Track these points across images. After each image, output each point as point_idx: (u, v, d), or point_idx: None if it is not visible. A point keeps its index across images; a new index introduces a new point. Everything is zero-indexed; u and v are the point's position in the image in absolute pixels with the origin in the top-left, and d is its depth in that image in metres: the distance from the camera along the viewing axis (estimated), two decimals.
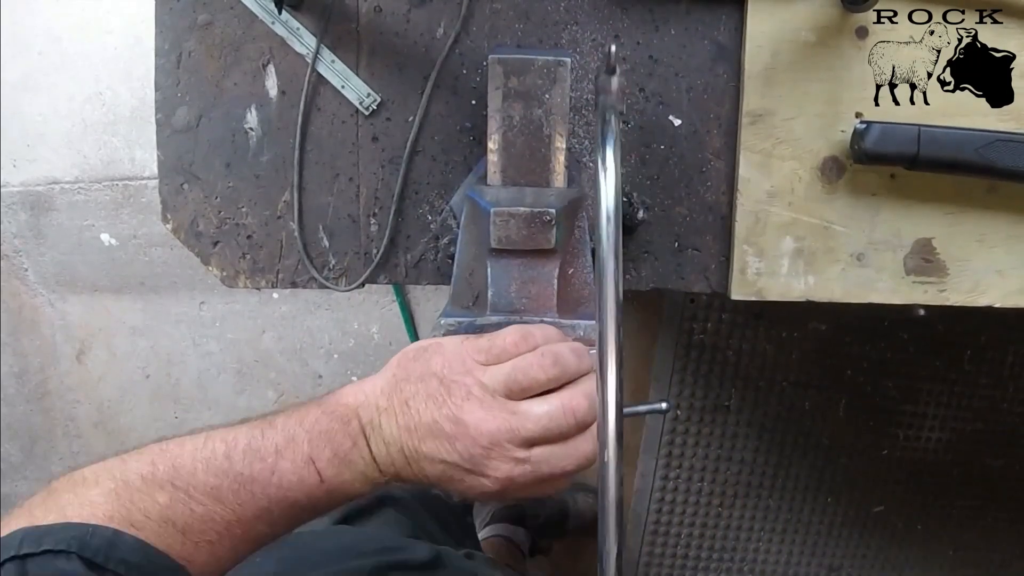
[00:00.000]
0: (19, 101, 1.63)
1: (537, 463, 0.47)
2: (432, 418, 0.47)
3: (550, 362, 0.48)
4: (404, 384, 0.49)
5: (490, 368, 0.49)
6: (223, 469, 0.48)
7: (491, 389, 0.48)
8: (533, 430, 0.47)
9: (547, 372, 0.48)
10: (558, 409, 0.47)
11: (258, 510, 0.48)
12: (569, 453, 0.48)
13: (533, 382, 0.48)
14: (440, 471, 0.48)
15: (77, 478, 0.48)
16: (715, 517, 1.65)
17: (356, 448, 0.49)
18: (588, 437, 0.49)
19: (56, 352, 1.74)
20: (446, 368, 0.49)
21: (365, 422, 0.49)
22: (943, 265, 0.71)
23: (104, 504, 0.46)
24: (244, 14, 0.72)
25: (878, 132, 0.65)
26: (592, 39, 0.71)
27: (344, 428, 0.49)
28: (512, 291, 0.58)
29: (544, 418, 0.47)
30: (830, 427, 1.59)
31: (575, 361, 0.49)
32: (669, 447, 1.59)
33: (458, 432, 0.47)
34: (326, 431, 0.49)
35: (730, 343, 1.53)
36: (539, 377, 0.48)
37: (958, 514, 1.66)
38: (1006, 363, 1.56)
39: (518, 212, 0.57)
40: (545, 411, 0.47)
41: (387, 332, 1.64)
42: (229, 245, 0.76)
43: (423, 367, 0.50)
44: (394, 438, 0.48)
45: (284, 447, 0.48)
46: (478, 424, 0.47)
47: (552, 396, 0.48)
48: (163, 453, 0.49)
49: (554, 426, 0.47)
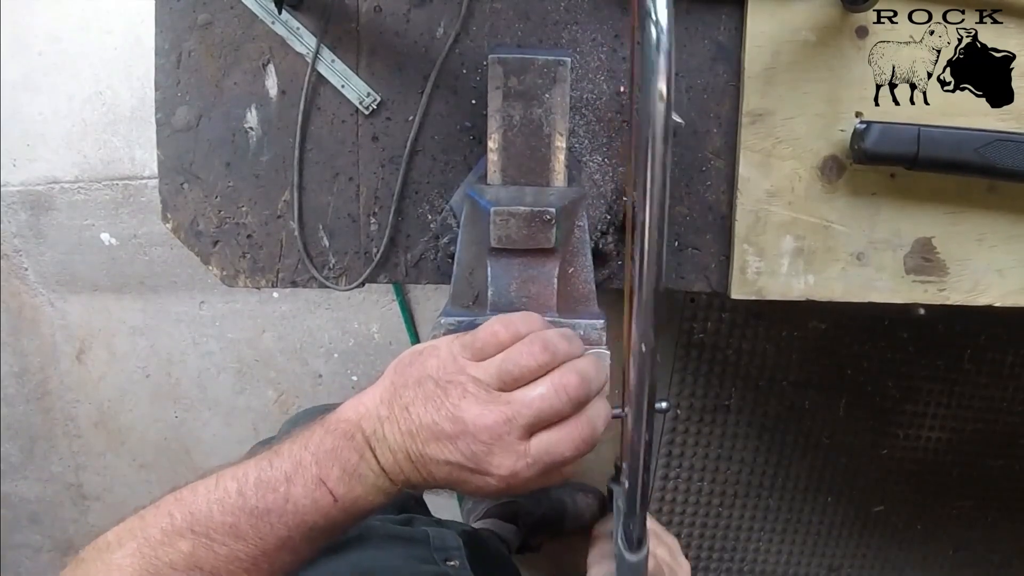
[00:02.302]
0: (19, 101, 1.63)
1: (537, 454, 0.47)
2: (432, 420, 0.47)
3: (539, 348, 0.48)
4: (402, 390, 0.49)
5: (481, 363, 0.49)
6: (238, 506, 0.48)
7: (485, 384, 0.48)
8: (528, 415, 0.47)
9: (537, 359, 0.48)
10: (549, 389, 0.47)
11: (279, 540, 0.48)
12: (566, 438, 0.48)
13: (524, 370, 0.48)
14: (447, 472, 0.48)
15: (101, 544, 0.49)
16: (715, 517, 1.65)
17: (364, 461, 0.49)
18: (584, 419, 0.48)
19: (56, 352, 1.74)
20: (440, 369, 0.49)
21: (369, 433, 0.49)
22: (943, 264, 0.71)
23: (130, 565, 0.47)
24: (244, 14, 0.72)
25: (878, 132, 0.65)
26: (592, 39, 0.71)
27: (349, 443, 0.49)
28: (512, 290, 0.58)
29: (536, 400, 0.47)
30: (830, 427, 1.59)
31: (564, 344, 0.49)
32: (669, 447, 1.59)
33: (458, 431, 0.47)
34: (331, 449, 0.49)
35: (730, 342, 1.53)
36: (530, 364, 0.48)
37: (958, 514, 1.66)
38: (1006, 363, 1.56)
39: (518, 211, 0.57)
40: (537, 393, 0.47)
41: (387, 331, 1.64)
42: (229, 244, 0.76)
43: (419, 371, 0.50)
44: (399, 445, 0.49)
45: (293, 473, 0.49)
46: (476, 420, 0.47)
47: (543, 378, 0.48)
48: (178, 502, 0.49)
49: (547, 407, 0.47)
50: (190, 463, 1.75)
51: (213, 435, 1.73)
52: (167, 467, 1.75)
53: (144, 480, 1.76)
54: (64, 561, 0.49)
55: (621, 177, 0.72)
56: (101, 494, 1.79)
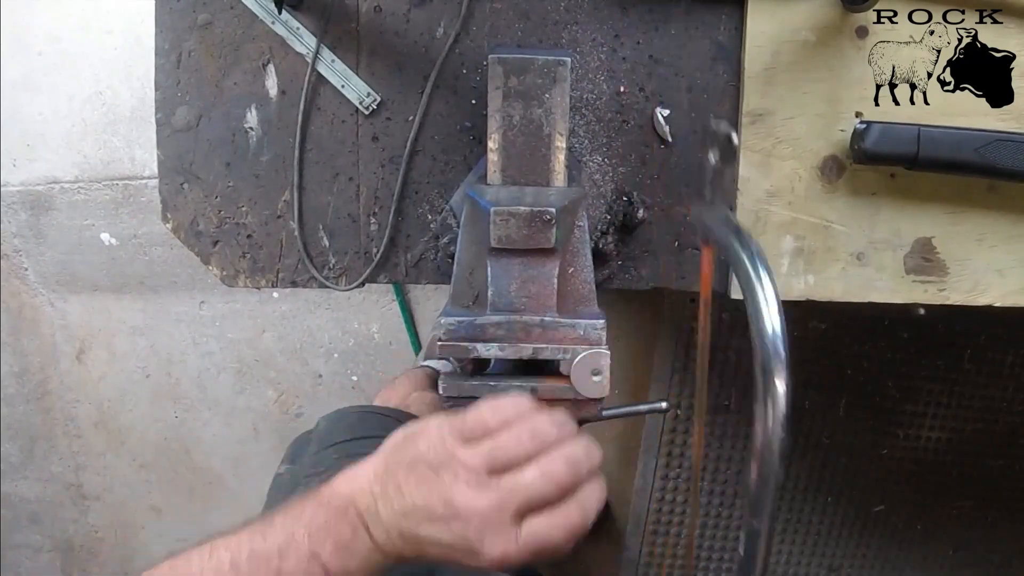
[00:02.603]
0: (19, 101, 1.63)
1: (527, 539, 0.48)
2: (425, 502, 0.48)
3: (527, 436, 0.49)
4: (396, 469, 0.50)
5: (471, 448, 0.50)
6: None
7: (475, 469, 0.49)
8: (517, 501, 0.48)
9: (524, 447, 0.49)
10: (537, 476, 0.48)
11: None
12: (557, 524, 0.48)
13: (513, 458, 0.49)
14: (439, 551, 0.49)
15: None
16: (715, 517, 1.65)
17: (357, 536, 0.50)
18: (574, 505, 0.49)
19: (56, 352, 1.74)
20: (431, 452, 0.50)
21: (362, 509, 0.50)
22: (943, 264, 0.71)
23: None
24: (244, 14, 0.72)
25: (878, 132, 0.65)
26: (592, 39, 0.71)
27: (342, 518, 0.50)
28: (512, 290, 0.58)
29: (525, 487, 0.48)
30: (830, 426, 1.59)
31: (553, 430, 0.50)
32: (669, 447, 1.59)
33: (450, 514, 0.48)
34: (324, 524, 0.50)
35: (731, 343, 1.53)
36: (518, 452, 0.49)
37: (958, 514, 1.66)
38: (1006, 363, 1.56)
39: (518, 211, 0.57)
40: (526, 480, 0.48)
41: (387, 331, 1.64)
42: (229, 244, 0.76)
43: (412, 452, 0.50)
44: (392, 523, 0.49)
45: (286, 547, 0.49)
46: (467, 504, 0.47)
47: (532, 464, 0.49)
48: (173, 570, 0.50)
49: (536, 493, 0.48)
50: (190, 463, 1.75)
51: (213, 435, 1.73)
52: (167, 467, 1.75)
53: (144, 480, 1.76)
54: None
55: (621, 177, 0.72)
56: (101, 494, 1.79)
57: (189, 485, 1.76)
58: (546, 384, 0.58)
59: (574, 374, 0.57)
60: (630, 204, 0.71)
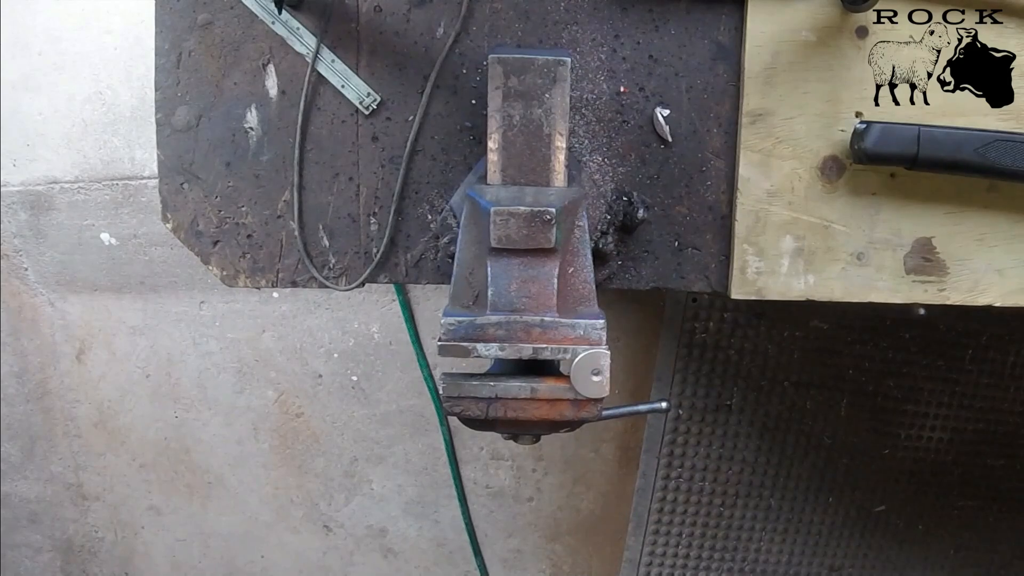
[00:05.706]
0: (19, 101, 1.63)
1: None
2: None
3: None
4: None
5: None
6: None
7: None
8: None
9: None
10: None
11: None
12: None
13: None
14: None
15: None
16: (716, 517, 1.65)
17: None
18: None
19: (56, 352, 1.74)
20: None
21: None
22: (943, 264, 0.71)
23: None
24: (244, 14, 0.72)
25: (878, 132, 0.65)
26: (592, 39, 0.71)
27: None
28: (512, 290, 0.58)
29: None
30: (831, 427, 1.59)
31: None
32: (671, 447, 1.59)
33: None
34: None
35: (731, 342, 1.53)
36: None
37: (959, 514, 1.66)
38: (1007, 363, 1.56)
39: (518, 211, 0.57)
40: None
41: (387, 331, 1.64)
42: (229, 244, 0.76)
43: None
44: None
45: None
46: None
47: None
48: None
49: None
50: (190, 463, 1.75)
51: (213, 435, 1.73)
52: (167, 467, 1.75)
53: (144, 480, 1.76)
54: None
55: (621, 177, 0.72)
56: (101, 494, 1.79)
57: (189, 485, 1.76)
58: (546, 384, 0.58)
59: (574, 374, 0.57)
60: (630, 204, 0.71)
